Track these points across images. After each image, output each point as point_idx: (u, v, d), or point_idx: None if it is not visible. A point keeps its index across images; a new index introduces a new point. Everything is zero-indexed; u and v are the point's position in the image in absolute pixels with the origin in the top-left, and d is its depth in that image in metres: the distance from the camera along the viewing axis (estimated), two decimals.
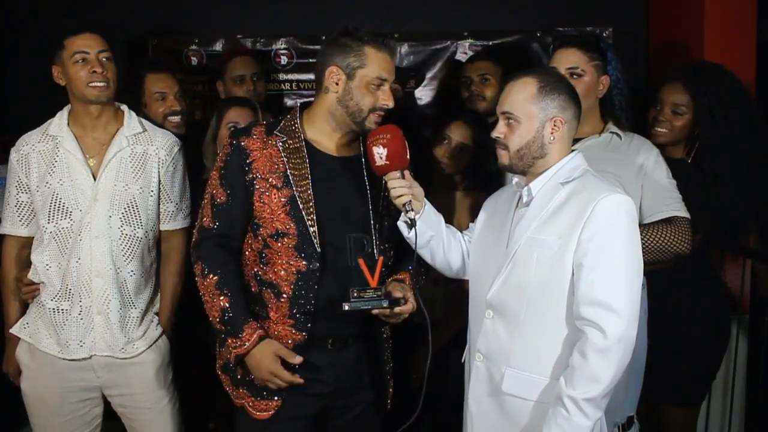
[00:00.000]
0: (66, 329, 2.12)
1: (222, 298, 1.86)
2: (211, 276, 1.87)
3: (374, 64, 1.84)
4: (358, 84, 1.85)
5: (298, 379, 1.83)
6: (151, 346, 2.21)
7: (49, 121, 2.19)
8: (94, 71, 2.08)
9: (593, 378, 1.60)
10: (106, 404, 2.25)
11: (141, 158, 2.17)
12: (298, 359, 1.83)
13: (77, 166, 2.11)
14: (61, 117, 2.17)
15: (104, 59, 2.11)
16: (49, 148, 2.13)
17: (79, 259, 2.10)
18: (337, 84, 1.87)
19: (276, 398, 1.87)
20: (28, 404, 2.20)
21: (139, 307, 2.18)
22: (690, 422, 2.60)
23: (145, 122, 2.25)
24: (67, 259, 2.11)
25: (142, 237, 2.17)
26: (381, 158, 1.79)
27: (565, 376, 1.63)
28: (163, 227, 2.25)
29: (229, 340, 1.86)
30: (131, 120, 2.21)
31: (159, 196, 2.21)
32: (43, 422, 2.19)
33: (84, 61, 2.09)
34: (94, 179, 2.12)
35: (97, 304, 2.12)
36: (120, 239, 2.13)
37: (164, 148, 2.21)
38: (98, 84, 2.09)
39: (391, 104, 1.87)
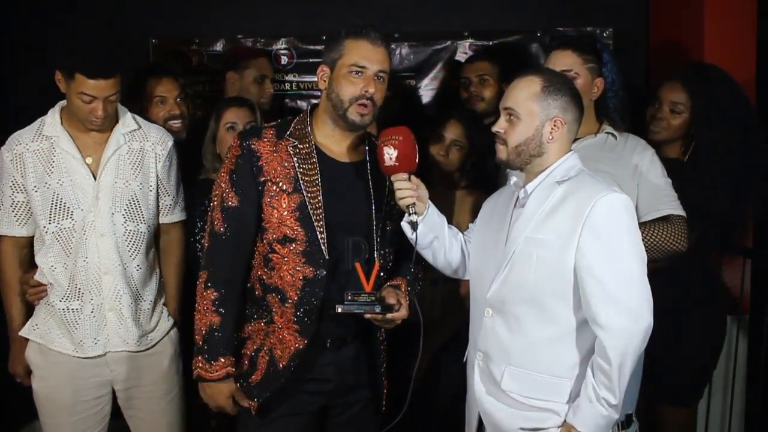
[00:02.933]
0: (79, 328, 2.12)
1: (215, 316, 1.85)
2: (212, 291, 1.86)
3: (351, 52, 1.84)
4: (337, 75, 1.86)
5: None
6: (164, 336, 2.25)
7: (40, 120, 2.16)
8: (94, 112, 2.05)
9: (611, 375, 1.62)
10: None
11: (138, 155, 2.19)
12: (249, 404, 1.88)
13: (76, 165, 2.11)
14: (54, 116, 2.15)
15: (111, 99, 2.06)
16: (45, 148, 2.12)
17: (87, 257, 2.11)
18: (325, 81, 1.89)
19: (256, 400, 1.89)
20: (39, 404, 2.19)
21: (148, 300, 2.21)
22: (687, 421, 2.59)
23: (138, 119, 2.25)
24: (74, 259, 2.11)
25: (144, 232, 2.19)
26: (390, 159, 1.79)
27: (587, 376, 1.66)
28: (162, 220, 2.27)
29: (200, 358, 1.85)
30: (125, 117, 2.20)
31: (158, 191, 2.23)
32: (56, 422, 2.18)
33: (89, 101, 2.04)
34: (94, 178, 2.12)
35: (109, 300, 2.13)
36: (125, 235, 2.14)
37: (160, 143, 2.23)
38: (95, 120, 2.07)
39: (371, 90, 1.84)
